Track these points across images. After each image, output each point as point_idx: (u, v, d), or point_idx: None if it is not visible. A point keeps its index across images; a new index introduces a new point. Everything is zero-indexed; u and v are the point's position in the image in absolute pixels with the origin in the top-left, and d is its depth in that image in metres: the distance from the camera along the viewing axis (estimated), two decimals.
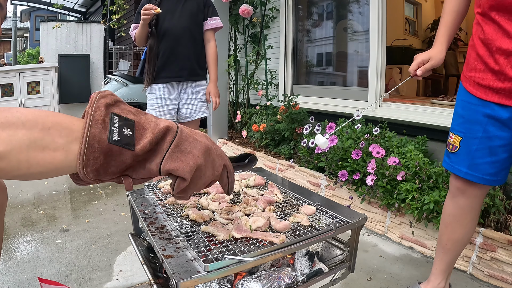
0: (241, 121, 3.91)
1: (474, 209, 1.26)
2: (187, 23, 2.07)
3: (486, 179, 1.17)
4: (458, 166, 1.21)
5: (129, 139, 0.52)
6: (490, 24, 1.09)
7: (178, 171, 0.56)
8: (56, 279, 1.62)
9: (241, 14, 3.53)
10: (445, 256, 1.35)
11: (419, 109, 2.46)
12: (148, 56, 2.07)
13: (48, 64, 4.50)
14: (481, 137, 1.15)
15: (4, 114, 0.45)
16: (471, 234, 1.32)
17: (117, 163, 0.51)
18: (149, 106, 2.13)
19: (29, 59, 12.31)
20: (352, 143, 2.26)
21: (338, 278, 0.99)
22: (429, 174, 1.86)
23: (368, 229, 2.17)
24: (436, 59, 1.27)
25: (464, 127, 1.20)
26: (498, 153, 1.13)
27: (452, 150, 1.24)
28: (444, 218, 1.33)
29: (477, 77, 1.14)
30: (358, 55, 3.17)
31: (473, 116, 1.17)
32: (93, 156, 0.49)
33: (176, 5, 2.07)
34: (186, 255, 0.74)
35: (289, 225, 0.84)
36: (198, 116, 2.19)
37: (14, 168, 0.46)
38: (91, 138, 0.48)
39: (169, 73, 2.08)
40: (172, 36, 2.05)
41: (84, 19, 10.34)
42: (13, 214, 2.43)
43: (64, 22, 5.69)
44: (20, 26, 16.59)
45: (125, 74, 4.54)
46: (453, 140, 1.23)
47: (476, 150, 1.16)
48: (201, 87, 2.19)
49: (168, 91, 2.10)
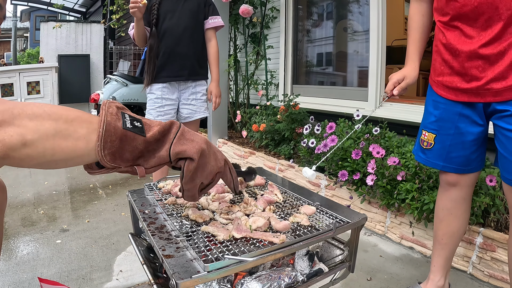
0: (241, 121, 3.91)
1: (466, 200, 1.32)
2: (188, 22, 2.06)
3: (462, 169, 1.26)
4: (434, 160, 1.30)
5: (141, 128, 0.59)
6: (452, 31, 1.17)
7: (187, 152, 0.62)
8: (56, 279, 1.62)
9: (241, 14, 3.53)
10: (442, 251, 1.39)
11: (419, 109, 2.46)
12: (148, 55, 2.06)
13: (48, 64, 4.51)
14: (454, 134, 1.24)
15: (30, 107, 0.51)
16: (466, 226, 1.37)
17: (131, 148, 0.57)
18: (149, 106, 2.12)
19: (29, 59, 12.31)
20: (352, 143, 2.26)
21: (338, 278, 0.99)
22: (429, 174, 1.86)
23: (368, 229, 2.17)
24: (411, 77, 1.34)
25: (437, 125, 1.28)
26: (470, 146, 1.23)
27: (427, 147, 1.32)
28: (438, 212, 1.38)
29: (445, 80, 1.23)
30: (358, 55, 3.17)
31: (444, 114, 1.26)
32: (110, 139, 0.55)
33: (177, 4, 2.06)
34: (186, 255, 0.74)
35: (289, 225, 0.84)
36: (197, 117, 2.18)
37: (40, 155, 0.51)
38: (107, 125, 0.55)
39: (169, 72, 2.07)
40: (172, 35, 2.04)
41: (84, 19, 10.34)
42: (13, 214, 2.43)
43: (64, 22, 5.68)
44: (20, 26, 16.59)
45: (125, 74, 4.54)
46: (427, 137, 1.32)
47: (450, 145, 1.26)
48: (201, 87, 2.18)
49: (168, 91, 2.09)
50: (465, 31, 1.13)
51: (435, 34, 1.26)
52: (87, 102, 5.31)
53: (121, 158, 0.57)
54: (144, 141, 0.59)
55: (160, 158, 0.62)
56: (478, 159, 1.26)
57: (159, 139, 0.61)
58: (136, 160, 0.60)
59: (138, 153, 0.59)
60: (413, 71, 1.36)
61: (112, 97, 4.13)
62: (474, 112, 1.20)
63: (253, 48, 3.96)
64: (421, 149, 1.35)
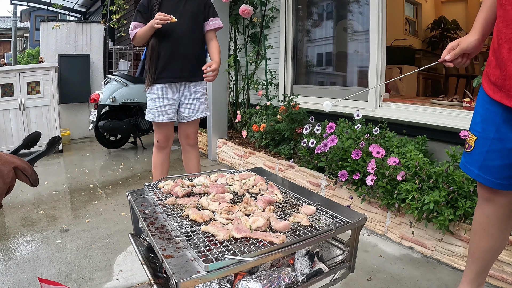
0: (241, 121, 3.91)
1: (501, 219, 1.18)
2: (188, 24, 2.08)
3: (497, 182, 1.11)
4: (470, 166, 1.16)
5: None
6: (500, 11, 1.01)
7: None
8: (56, 279, 1.62)
9: (241, 14, 3.53)
10: (473, 265, 1.27)
11: (419, 109, 2.46)
12: (150, 56, 2.07)
13: (48, 64, 4.49)
14: (493, 138, 1.09)
15: None
16: (500, 245, 1.23)
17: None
18: (150, 105, 2.14)
19: (29, 59, 12.31)
20: (352, 143, 2.26)
21: (338, 278, 0.99)
22: (429, 174, 1.86)
23: (368, 229, 2.17)
24: (465, 42, 1.16)
25: (481, 127, 1.13)
26: (509, 155, 1.06)
27: (467, 150, 1.18)
28: (473, 225, 1.27)
29: (490, 73, 1.08)
30: (358, 55, 3.17)
31: (488, 115, 1.10)
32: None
33: (177, 6, 2.07)
34: (186, 255, 0.73)
35: (289, 225, 0.84)
36: (198, 116, 2.21)
37: None
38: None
39: (171, 73, 2.09)
40: (173, 37, 2.05)
41: (84, 19, 10.34)
42: (13, 214, 2.43)
43: (64, 22, 5.67)
44: (20, 26, 16.58)
45: (125, 74, 4.53)
46: (469, 139, 1.18)
47: (487, 152, 1.10)
48: (201, 87, 2.20)
49: (169, 91, 2.11)
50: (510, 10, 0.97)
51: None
52: (87, 102, 5.30)
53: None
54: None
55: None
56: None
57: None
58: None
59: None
60: (470, 37, 1.16)
61: (112, 97, 4.13)
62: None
63: (253, 48, 3.96)
64: (464, 153, 1.21)
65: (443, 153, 2.15)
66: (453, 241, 1.74)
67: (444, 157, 2.08)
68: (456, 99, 2.49)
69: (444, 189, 1.74)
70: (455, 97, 2.55)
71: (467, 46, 1.16)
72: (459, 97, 2.51)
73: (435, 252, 1.83)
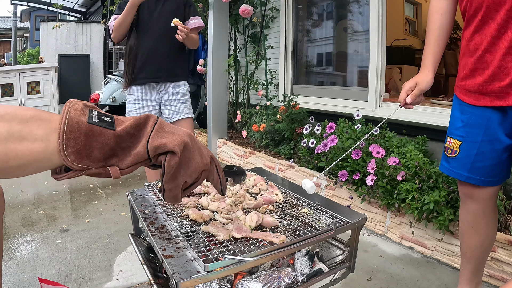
0: (241, 121, 3.91)
1: (486, 215, 1.22)
2: (167, 23, 1.98)
3: (487, 180, 1.16)
4: (458, 170, 1.19)
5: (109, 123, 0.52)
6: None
7: (167, 145, 0.54)
8: (56, 279, 1.62)
9: (241, 14, 3.53)
10: (468, 264, 1.30)
11: (419, 109, 2.46)
12: (128, 57, 2.02)
13: (48, 64, 4.50)
14: (482, 141, 1.13)
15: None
16: (490, 240, 1.26)
17: (99, 145, 0.50)
18: (129, 107, 2.08)
19: (29, 59, 12.30)
20: (352, 143, 2.26)
21: (338, 278, 0.99)
22: (429, 174, 1.86)
23: (368, 229, 2.17)
24: (423, 83, 1.23)
25: (464, 131, 1.17)
26: (497, 156, 1.13)
27: (451, 155, 1.21)
28: (460, 225, 1.30)
29: (467, 84, 1.15)
30: (358, 55, 3.17)
31: (472, 119, 1.15)
32: (73, 135, 0.48)
33: (156, 5, 2.01)
34: (186, 255, 0.74)
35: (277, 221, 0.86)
36: (178, 118, 2.12)
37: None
38: (70, 120, 0.48)
39: (147, 74, 2.02)
40: (151, 36, 2.00)
41: (84, 19, 10.33)
42: (13, 214, 2.43)
43: (64, 22, 5.68)
44: (20, 26, 16.57)
45: None
46: (452, 145, 1.21)
47: (477, 154, 1.14)
48: (181, 87, 2.13)
49: (148, 92, 2.06)
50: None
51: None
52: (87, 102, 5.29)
53: (89, 157, 0.50)
54: (114, 136, 0.51)
55: (137, 156, 0.54)
56: (503, 171, 1.15)
57: (133, 134, 0.54)
58: (108, 160, 0.52)
59: (109, 150, 0.51)
60: (426, 77, 1.23)
61: (112, 97, 4.13)
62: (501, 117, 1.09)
63: (253, 48, 3.96)
64: (445, 158, 1.24)
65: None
66: (453, 241, 1.74)
67: None
68: None
69: (444, 189, 1.74)
70: None
71: (425, 86, 1.23)
72: None
73: (435, 252, 1.83)
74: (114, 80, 4.27)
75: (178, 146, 0.55)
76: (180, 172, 0.58)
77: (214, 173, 0.65)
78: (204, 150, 0.62)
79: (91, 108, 0.52)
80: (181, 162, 0.57)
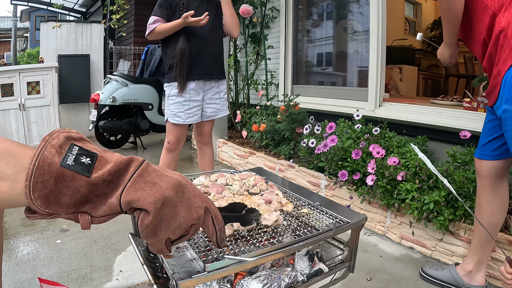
0: (241, 121, 3.91)
1: (486, 191, 1.43)
2: (213, 25, 2.16)
3: (491, 154, 1.40)
4: (476, 150, 1.48)
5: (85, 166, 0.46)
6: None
7: (140, 202, 0.48)
8: (56, 279, 1.62)
9: (241, 14, 3.53)
10: (473, 238, 1.51)
11: (419, 109, 2.46)
12: (180, 59, 2.10)
13: (48, 64, 4.50)
14: (485, 123, 1.44)
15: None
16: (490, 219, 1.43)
17: (70, 191, 0.45)
18: (177, 108, 2.17)
19: (29, 59, 12.30)
20: (352, 143, 2.25)
21: (338, 278, 0.99)
22: (429, 174, 1.86)
23: (368, 229, 2.17)
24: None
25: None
26: (492, 133, 1.39)
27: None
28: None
29: None
30: (358, 55, 3.17)
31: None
32: (42, 179, 0.43)
33: (200, 7, 2.14)
34: (186, 255, 0.74)
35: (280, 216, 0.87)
36: (221, 115, 2.31)
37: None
38: (41, 160, 0.43)
39: (202, 71, 2.16)
40: (200, 38, 2.13)
41: (84, 19, 10.33)
42: (13, 214, 2.43)
43: (64, 22, 5.66)
44: (20, 26, 16.58)
45: (125, 74, 4.53)
46: None
47: (481, 134, 1.44)
48: (223, 86, 2.31)
49: (195, 93, 2.18)
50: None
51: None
52: (87, 102, 5.29)
53: (58, 203, 0.45)
54: (87, 183, 0.46)
55: (111, 207, 0.48)
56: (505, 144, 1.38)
57: (111, 181, 0.48)
58: (80, 206, 0.47)
59: (81, 197, 0.46)
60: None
61: (112, 97, 4.13)
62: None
63: (253, 48, 3.96)
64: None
65: (443, 153, 2.15)
66: (453, 241, 1.74)
67: (444, 157, 2.08)
68: (456, 99, 2.49)
69: (444, 189, 1.74)
70: (455, 97, 2.55)
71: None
72: (459, 97, 2.51)
73: (435, 252, 1.83)
74: (114, 80, 4.26)
75: (153, 204, 0.48)
76: (161, 228, 0.51)
77: (209, 225, 0.58)
78: (197, 200, 0.55)
79: (74, 143, 0.47)
80: (160, 219, 0.50)
